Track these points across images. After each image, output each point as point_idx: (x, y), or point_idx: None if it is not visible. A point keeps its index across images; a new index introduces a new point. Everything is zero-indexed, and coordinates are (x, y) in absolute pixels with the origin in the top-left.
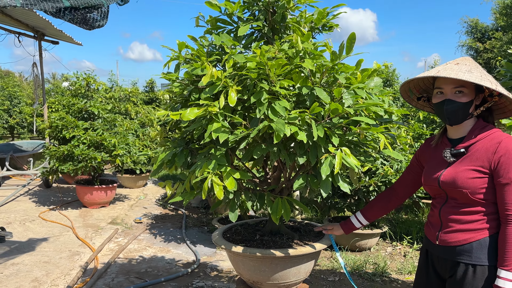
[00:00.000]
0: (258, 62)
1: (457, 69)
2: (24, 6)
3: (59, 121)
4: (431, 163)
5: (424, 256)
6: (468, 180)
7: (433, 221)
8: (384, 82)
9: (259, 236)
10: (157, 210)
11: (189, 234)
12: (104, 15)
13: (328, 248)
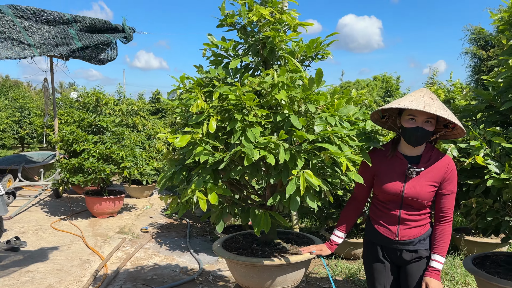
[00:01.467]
0: (236, 95)
1: (435, 105)
2: (42, 54)
3: (70, 135)
4: (389, 175)
5: (377, 251)
6: (427, 193)
7: (387, 221)
8: (385, 92)
9: (255, 245)
10: (163, 220)
11: (193, 243)
12: (113, 50)
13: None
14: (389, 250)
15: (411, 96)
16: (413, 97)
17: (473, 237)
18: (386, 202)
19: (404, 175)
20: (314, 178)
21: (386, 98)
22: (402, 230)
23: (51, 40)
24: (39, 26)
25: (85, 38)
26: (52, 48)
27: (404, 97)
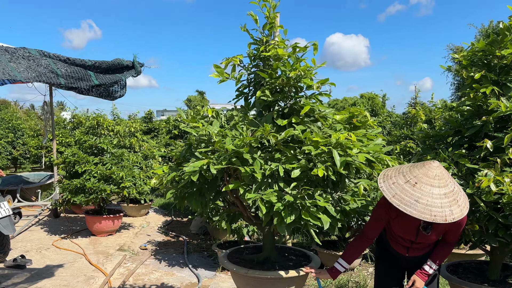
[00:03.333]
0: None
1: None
2: (67, 84)
3: (72, 157)
4: (403, 226)
5: (392, 258)
6: (435, 239)
7: (402, 243)
8: (370, 112)
9: (256, 259)
10: (160, 237)
11: (191, 259)
12: (123, 87)
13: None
14: (401, 260)
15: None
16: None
17: (454, 249)
18: (400, 237)
19: (416, 229)
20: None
21: (371, 117)
22: (411, 250)
23: (74, 74)
24: (64, 64)
25: (100, 78)
26: (75, 81)
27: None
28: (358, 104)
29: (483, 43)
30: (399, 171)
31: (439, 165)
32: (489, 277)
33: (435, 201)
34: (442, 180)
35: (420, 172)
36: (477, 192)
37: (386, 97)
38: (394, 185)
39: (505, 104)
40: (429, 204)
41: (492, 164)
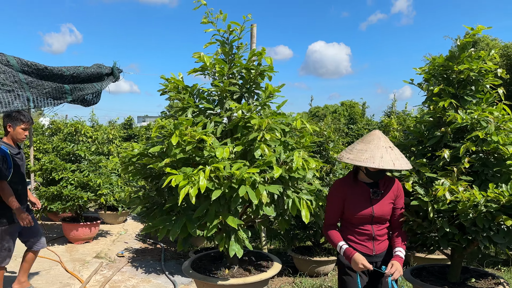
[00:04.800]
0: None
1: (396, 159)
2: (35, 107)
3: (49, 164)
4: (355, 200)
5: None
6: (389, 209)
7: (363, 239)
8: (348, 120)
9: (221, 266)
10: (137, 245)
11: (168, 266)
12: (97, 95)
13: (291, 275)
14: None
15: (373, 147)
16: (375, 151)
17: (421, 254)
18: (359, 223)
19: (369, 199)
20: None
21: (350, 125)
22: (376, 245)
23: (47, 95)
24: (40, 82)
25: (76, 91)
26: (45, 103)
27: (367, 148)
28: (339, 111)
29: (443, 58)
30: (353, 147)
31: (380, 132)
32: (450, 279)
33: (384, 153)
34: (383, 139)
35: (367, 140)
36: (434, 200)
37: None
38: (351, 155)
39: (461, 116)
40: (380, 155)
41: (449, 173)
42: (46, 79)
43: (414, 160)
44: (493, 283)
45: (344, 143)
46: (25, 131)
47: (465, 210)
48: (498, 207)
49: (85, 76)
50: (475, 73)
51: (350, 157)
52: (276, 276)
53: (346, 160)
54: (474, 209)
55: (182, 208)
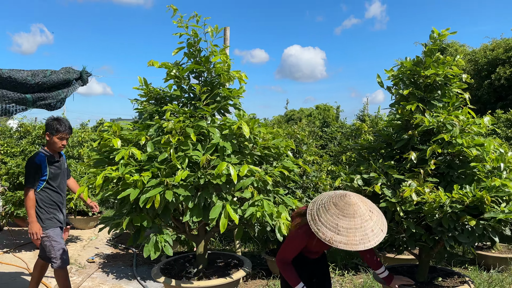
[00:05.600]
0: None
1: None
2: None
3: (16, 168)
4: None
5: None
6: None
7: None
8: (322, 123)
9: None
10: (109, 250)
11: (140, 271)
12: (62, 102)
13: (264, 277)
14: (307, 263)
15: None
16: (366, 229)
17: (391, 254)
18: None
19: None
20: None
21: (323, 128)
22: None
23: (7, 105)
24: (2, 92)
25: (38, 101)
26: (3, 112)
27: (355, 225)
28: (313, 115)
29: (410, 63)
30: (337, 224)
31: (356, 197)
32: (418, 279)
33: (372, 227)
34: (363, 206)
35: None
36: (401, 201)
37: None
38: (342, 237)
39: (428, 119)
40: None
41: (416, 175)
42: (9, 89)
43: (382, 162)
44: (458, 282)
45: (317, 146)
46: (62, 140)
47: (431, 211)
48: (462, 208)
49: (51, 83)
50: (441, 78)
51: (343, 241)
52: (250, 279)
53: (340, 246)
54: (440, 210)
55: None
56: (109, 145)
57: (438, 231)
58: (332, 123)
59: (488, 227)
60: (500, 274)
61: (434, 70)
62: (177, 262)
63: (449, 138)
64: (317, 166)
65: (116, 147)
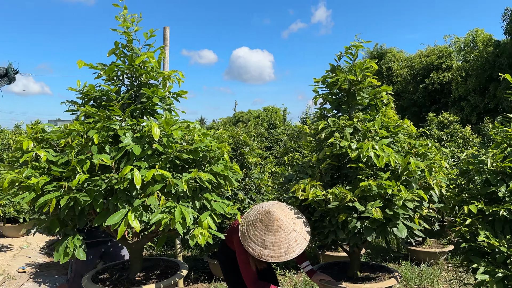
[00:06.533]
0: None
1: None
2: None
3: None
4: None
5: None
6: None
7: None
8: (268, 125)
9: (125, 276)
10: (42, 259)
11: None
12: None
13: (206, 281)
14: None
15: (284, 235)
16: (289, 240)
17: (331, 252)
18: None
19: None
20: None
21: (270, 130)
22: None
23: None
24: None
25: None
26: None
27: (279, 238)
28: (261, 116)
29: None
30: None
31: (278, 211)
32: (349, 274)
33: (296, 237)
34: (285, 219)
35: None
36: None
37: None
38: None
39: (325, 123)
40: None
41: (315, 175)
42: None
43: (308, 163)
44: (387, 277)
45: (262, 148)
46: None
47: (316, 206)
48: (341, 205)
49: None
50: (356, 82)
51: (270, 254)
52: (192, 283)
53: (268, 259)
54: (325, 206)
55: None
56: (21, 147)
57: (322, 226)
58: (279, 125)
59: (369, 224)
60: (429, 268)
61: (344, 76)
62: (112, 269)
63: (335, 141)
64: (259, 167)
65: (26, 150)
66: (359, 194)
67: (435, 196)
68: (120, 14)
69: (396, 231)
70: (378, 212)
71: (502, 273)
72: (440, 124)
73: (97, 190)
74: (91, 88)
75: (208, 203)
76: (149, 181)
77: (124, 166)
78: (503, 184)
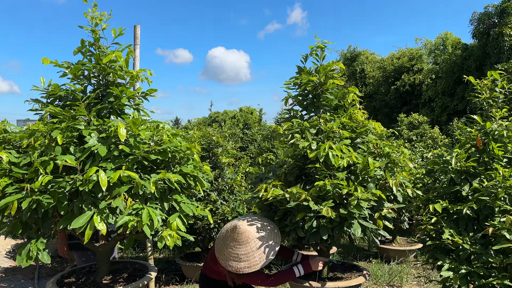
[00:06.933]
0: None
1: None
2: None
3: None
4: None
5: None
6: None
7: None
8: (243, 125)
9: (91, 279)
10: (7, 263)
11: (42, 284)
12: None
13: (178, 283)
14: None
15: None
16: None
17: (303, 251)
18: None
19: None
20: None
21: (245, 131)
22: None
23: None
24: None
25: None
26: None
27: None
28: (237, 117)
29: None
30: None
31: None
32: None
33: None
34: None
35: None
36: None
37: (262, 111)
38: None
39: (290, 124)
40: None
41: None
42: None
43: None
44: (357, 275)
45: (237, 148)
46: None
47: (278, 204)
48: (300, 205)
49: None
50: (320, 84)
51: (246, 265)
52: (163, 285)
53: (245, 270)
54: (285, 206)
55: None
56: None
57: (284, 224)
58: (253, 126)
59: (324, 223)
60: (399, 265)
61: (309, 77)
62: (78, 272)
63: (295, 141)
64: (232, 168)
65: None
66: (315, 194)
67: (399, 196)
68: (89, 11)
69: (352, 231)
70: (330, 211)
71: (465, 269)
72: (410, 125)
73: (61, 192)
74: (56, 87)
75: (177, 205)
76: (115, 183)
77: (89, 167)
78: (466, 183)
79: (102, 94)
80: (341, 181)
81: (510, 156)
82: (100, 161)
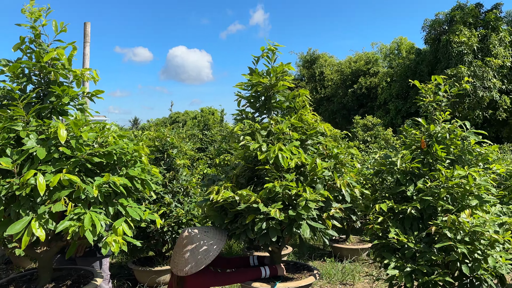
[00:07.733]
0: None
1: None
2: None
3: None
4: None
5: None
6: None
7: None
8: (203, 126)
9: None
10: None
11: None
12: None
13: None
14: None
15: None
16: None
17: (259, 252)
18: None
19: None
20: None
21: (204, 131)
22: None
23: None
24: None
25: None
26: None
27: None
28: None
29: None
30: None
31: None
32: None
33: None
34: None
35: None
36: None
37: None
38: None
39: (241, 126)
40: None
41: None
42: None
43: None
44: (307, 275)
45: (195, 149)
46: None
47: (228, 206)
48: (251, 207)
49: None
50: (270, 85)
51: (210, 256)
52: None
53: (212, 258)
54: (236, 208)
55: None
56: None
57: (235, 227)
58: (213, 126)
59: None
60: (352, 264)
61: (258, 79)
62: (18, 280)
63: (246, 143)
64: (187, 170)
65: None
66: (264, 196)
67: (347, 196)
68: (26, 7)
69: (301, 231)
70: (278, 213)
71: (410, 267)
72: (365, 127)
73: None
74: (14, 88)
75: (123, 209)
76: (55, 187)
77: (27, 171)
78: (411, 184)
79: (43, 93)
80: (291, 182)
81: (452, 157)
82: (40, 164)
